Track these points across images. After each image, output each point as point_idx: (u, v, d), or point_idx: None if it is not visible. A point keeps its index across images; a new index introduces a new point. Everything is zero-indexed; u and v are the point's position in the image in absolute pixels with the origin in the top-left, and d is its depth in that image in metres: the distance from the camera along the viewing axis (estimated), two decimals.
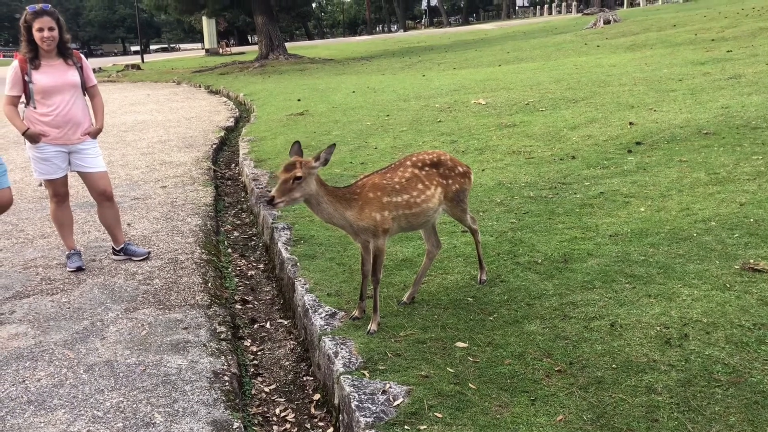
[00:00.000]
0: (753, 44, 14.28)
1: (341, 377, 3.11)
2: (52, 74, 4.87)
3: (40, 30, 4.76)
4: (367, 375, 3.10)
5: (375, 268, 3.59)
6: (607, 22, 28.55)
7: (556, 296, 3.77)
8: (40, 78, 4.83)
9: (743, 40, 15.45)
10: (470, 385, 2.97)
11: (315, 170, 3.36)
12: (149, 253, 5.42)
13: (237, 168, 9.38)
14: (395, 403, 2.86)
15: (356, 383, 3.03)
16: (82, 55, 5.19)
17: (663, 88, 10.23)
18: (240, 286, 5.18)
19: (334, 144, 3.46)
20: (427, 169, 3.73)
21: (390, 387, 2.98)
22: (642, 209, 5.12)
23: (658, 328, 3.29)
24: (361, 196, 3.50)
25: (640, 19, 27.78)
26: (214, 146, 10.55)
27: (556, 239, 4.66)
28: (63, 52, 4.94)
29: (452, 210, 3.89)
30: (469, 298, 3.87)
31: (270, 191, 6.67)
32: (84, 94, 5.10)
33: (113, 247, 5.39)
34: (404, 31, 69.34)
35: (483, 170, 6.81)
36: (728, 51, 13.51)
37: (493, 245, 4.65)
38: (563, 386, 2.91)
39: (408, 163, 3.74)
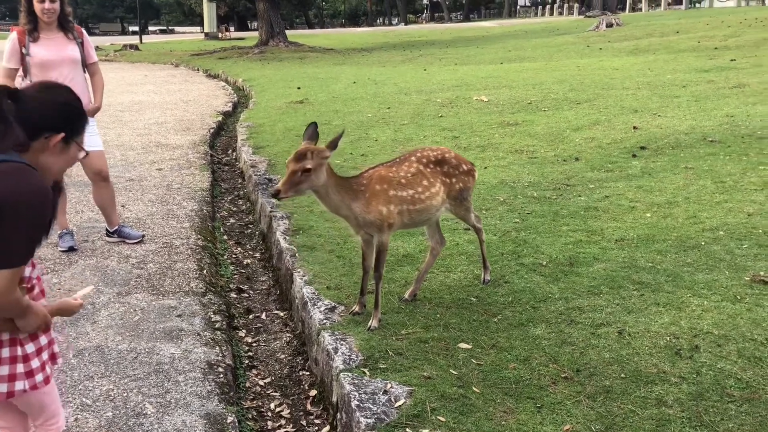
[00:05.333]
0: (757, 54, 14.23)
1: (341, 374, 3.01)
2: (51, 48, 4.73)
3: (41, 1, 4.61)
4: (368, 373, 3.00)
5: (378, 263, 3.49)
6: (609, 25, 28.50)
7: (561, 300, 3.68)
8: (39, 51, 4.69)
9: (746, 50, 15.40)
10: (474, 388, 2.87)
11: (326, 160, 3.21)
12: (143, 236, 5.30)
13: (234, 154, 9.24)
14: (397, 404, 2.77)
15: (356, 381, 2.93)
16: (84, 31, 5.05)
17: (667, 93, 10.16)
18: (236, 274, 5.07)
19: (345, 130, 3.28)
20: (431, 166, 3.63)
21: (391, 387, 2.88)
22: (648, 215, 5.04)
23: (668, 338, 3.20)
24: (368, 188, 3.38)
25: (643, 24, 27.69)
26: (212, 130, 10.40)
27: (561, 241, 4.57)
28: (64, 25, 4.80)
29: (456, 209, 3.79)
30: (472, 298, 3.77)
31: (271, 180, 6.58)
32: (84, 71, 4.96)
33: (107, 229, 5.26)
34: (405, 24, 69.00)
35: (485, 168, 6.71)
36: (732, 60, 13.45)
37: (497, 245, 4.55)
38: (570, 394, 2.82)
39: (413, 158, 3.64)
